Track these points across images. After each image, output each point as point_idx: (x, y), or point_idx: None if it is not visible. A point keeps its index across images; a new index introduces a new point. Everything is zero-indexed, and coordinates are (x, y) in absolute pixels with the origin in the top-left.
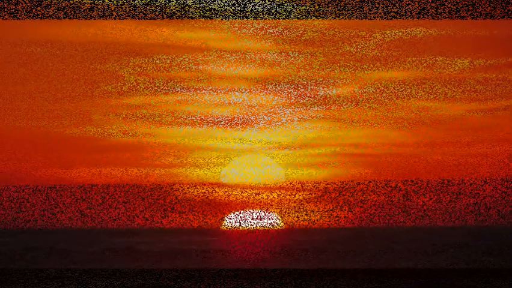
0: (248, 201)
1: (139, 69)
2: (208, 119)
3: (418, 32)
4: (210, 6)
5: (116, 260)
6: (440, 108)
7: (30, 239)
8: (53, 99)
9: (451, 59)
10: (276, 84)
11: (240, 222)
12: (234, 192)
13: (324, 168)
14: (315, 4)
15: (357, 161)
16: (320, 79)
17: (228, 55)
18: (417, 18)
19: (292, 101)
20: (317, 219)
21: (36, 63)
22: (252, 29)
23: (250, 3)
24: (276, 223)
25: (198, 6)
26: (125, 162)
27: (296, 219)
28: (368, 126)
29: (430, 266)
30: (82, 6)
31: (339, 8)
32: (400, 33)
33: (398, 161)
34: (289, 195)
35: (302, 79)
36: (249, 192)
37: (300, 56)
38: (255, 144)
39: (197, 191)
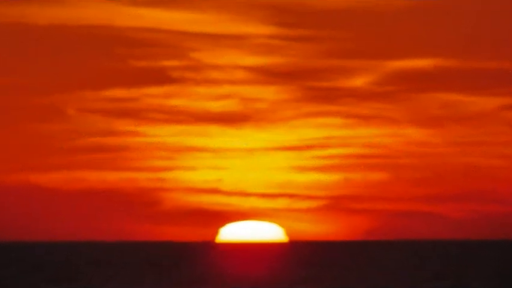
0: (247, 211)
1: (119, 57)
2: (201, 115)
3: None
4: None
5: (95, 277)
6: (470, 102)
7: None
8: (19, 92)
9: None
10: (279, 75)
11: (238, 235)
12: (231, 201)
13: (334, 172)
14: None
15: (373, 163)
16: (330, 68)
17: (223, 40)
18: None
19: (297, 94)
20: (326, 231)
21: None
22: (251, 9)
23: None
24: (279, 236)
25: None
26: (105, 165)
27: (301, 231)
28: (386, 123)
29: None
30: None
31: None
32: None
33: (421, 163)
34: (294, 203)
35: (309, 68)
36: (249, 200)
37: (307, 41)
38: (254, 144)
39: (189, 198)
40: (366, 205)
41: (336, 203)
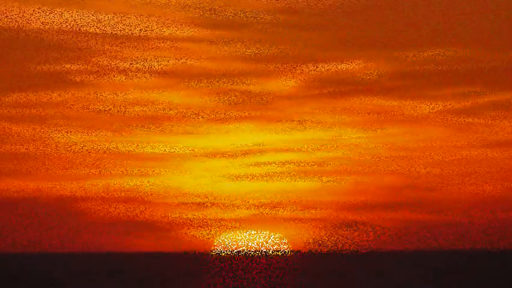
0: (246, 218)
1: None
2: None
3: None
4: None
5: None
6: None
7: None
8: None
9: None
10: (280, 64)
11: (236, 245)
12: (228, 207)
13: (343, 175)
14: None
15: (388, 167)
16: (335, 57)
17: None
18: None
19: (301, 86)
20: (333, 241)
21: None
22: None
23: None
24: (282, 246)
25: None
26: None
27: (306, 240)
28: (402, 121)
29: None
30: None
31: None
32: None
33: (443, 165)
34: (298, 210)
35: (313, 58)
36: (247, 207)
37: (305, 28)
38: (244, 145)
39: (180, 205)
40: (377, 213)
41: (343, 210)
